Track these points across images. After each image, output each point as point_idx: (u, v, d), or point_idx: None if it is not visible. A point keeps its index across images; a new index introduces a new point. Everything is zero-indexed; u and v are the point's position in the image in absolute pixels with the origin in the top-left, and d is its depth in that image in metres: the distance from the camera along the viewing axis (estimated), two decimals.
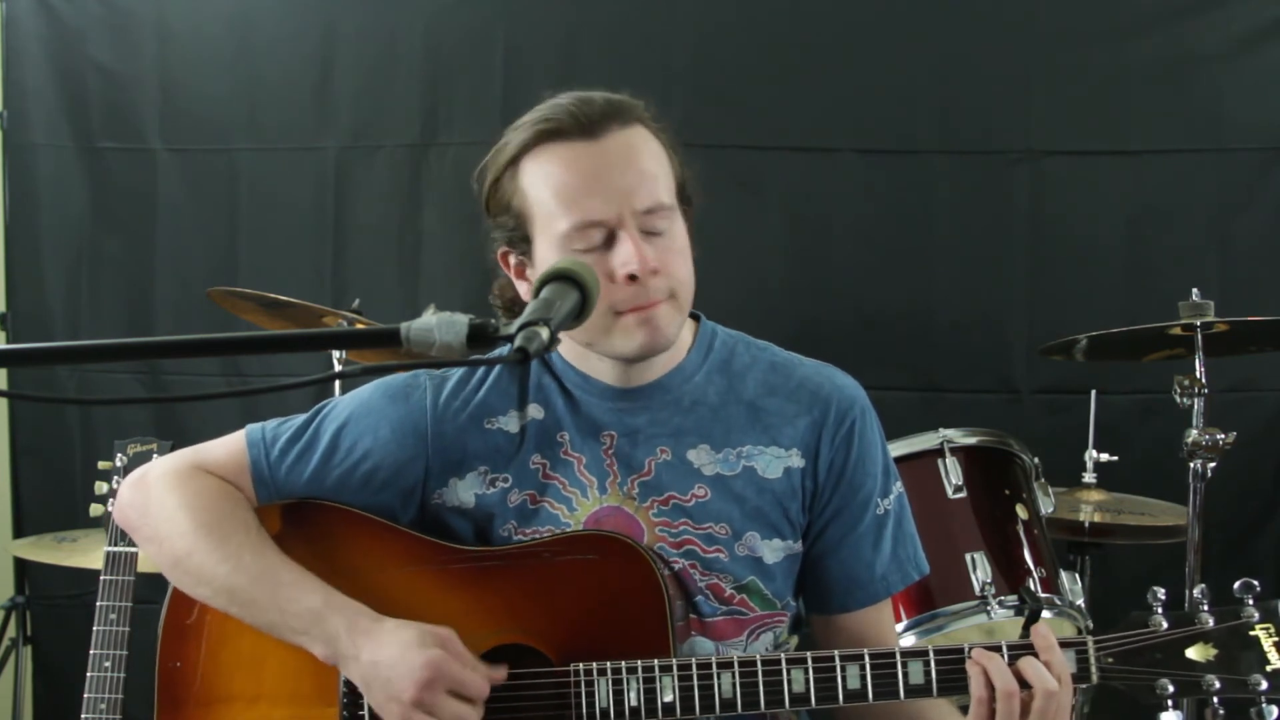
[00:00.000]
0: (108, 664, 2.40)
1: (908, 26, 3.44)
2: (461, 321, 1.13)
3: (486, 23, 3.55)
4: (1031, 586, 2.47)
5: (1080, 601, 2.57)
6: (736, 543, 1.66)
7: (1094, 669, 1.47)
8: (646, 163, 1.60)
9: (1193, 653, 1.46)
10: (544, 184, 1.58)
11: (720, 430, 1.68)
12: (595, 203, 1.55)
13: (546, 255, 1.60)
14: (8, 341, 3.73)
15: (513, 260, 1.67)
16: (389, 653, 1.53)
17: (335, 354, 3.03)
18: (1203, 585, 1.49)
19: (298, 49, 3.64)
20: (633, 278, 1.55)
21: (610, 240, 1.56)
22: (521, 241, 1.63)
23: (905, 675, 1.50)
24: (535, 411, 1.70)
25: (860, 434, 1.71)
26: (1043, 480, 2.67)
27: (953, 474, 2.52)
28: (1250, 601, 1.47)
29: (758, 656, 1.54)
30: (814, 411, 1.70)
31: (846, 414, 1.70)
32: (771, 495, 1.67)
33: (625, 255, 1.55)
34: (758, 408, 1.70)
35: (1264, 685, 1.44)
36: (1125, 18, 3.38)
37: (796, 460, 1.68)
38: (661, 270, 1.58)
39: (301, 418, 1.73)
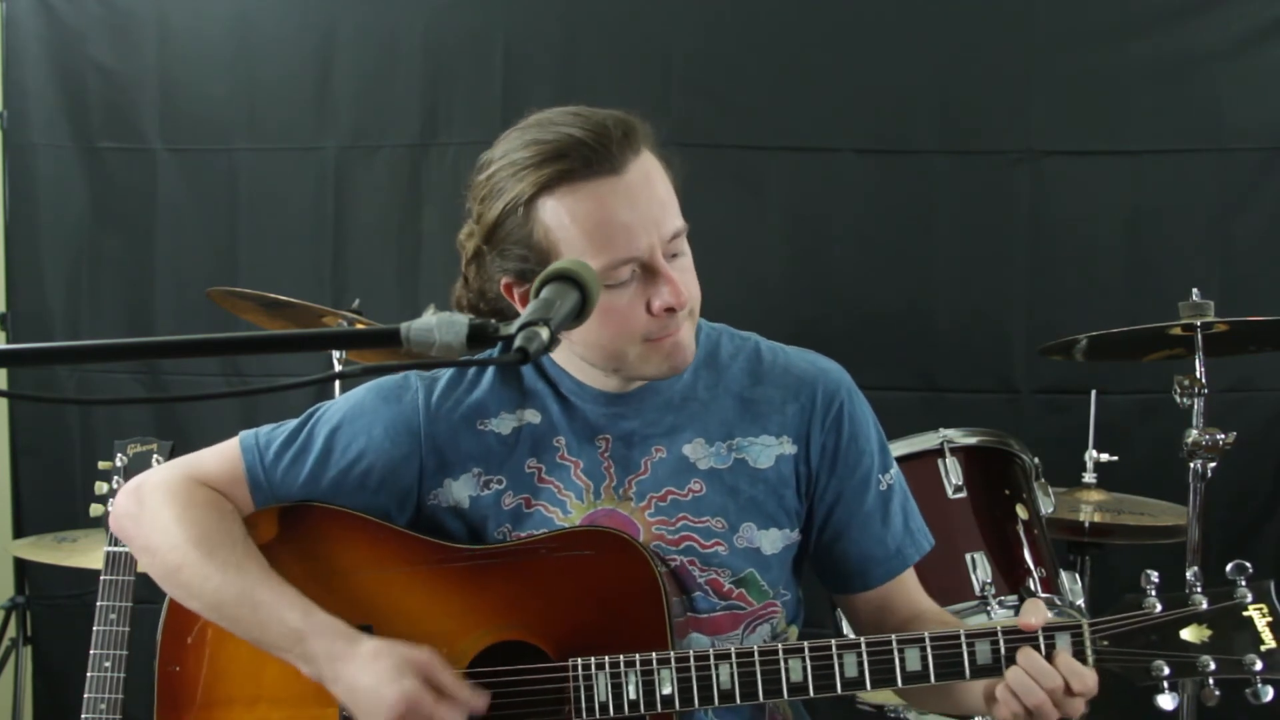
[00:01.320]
0: (108, 664, 2.41)
1: (908, 26, 3.44)
2: (461, 322, 1.13)
3: (486, 23, 3.55)
4: (1031, 586, 2.47)
5: (1080, 601, 2.58)
6: (734, 535, 1.67)
7: (1089, 652, 1.48)
8: (661, 190, 1.59)
9: (1187, 634, 1.47)
10: (572, 224, 1.54)
11: (713, 423, 1.69)
12: (630, 241, 1.54)
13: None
14: (8, 341, 3.73)
15: (518, 292, 1.63)
16: (365, 682, 1.54)
17: (335, 354, 3.03)
18: (1195, 568, 1.49)
19: (298, 49, 3.64)
20: (670, 310, 1.56)
21: (641, 272, 1.56)
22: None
23: (902, 662, 1.51)
24: (531, 416, 1.71)
25: (850, 415, 1.71)
26: (1043, 480, 2.67)
27: (953, 474, 2.52)
28: (1243, 582, 1.48)
29: (755, 647, 1.54)
30: (801, 397, 1.71)
31: (834, 397, 1.71)
32: (765, 485, 1.68)
33: (664, 290, 1.55)
34: (745, 398, 1.71)
35: (1259, 665, 1.44)
36: (1125, 18, 3.38)
37: (788, 447, 1.69)
38: (688, 296, 1.59)
39: (294, 422, 1.73)
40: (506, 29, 3.54)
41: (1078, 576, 2.64)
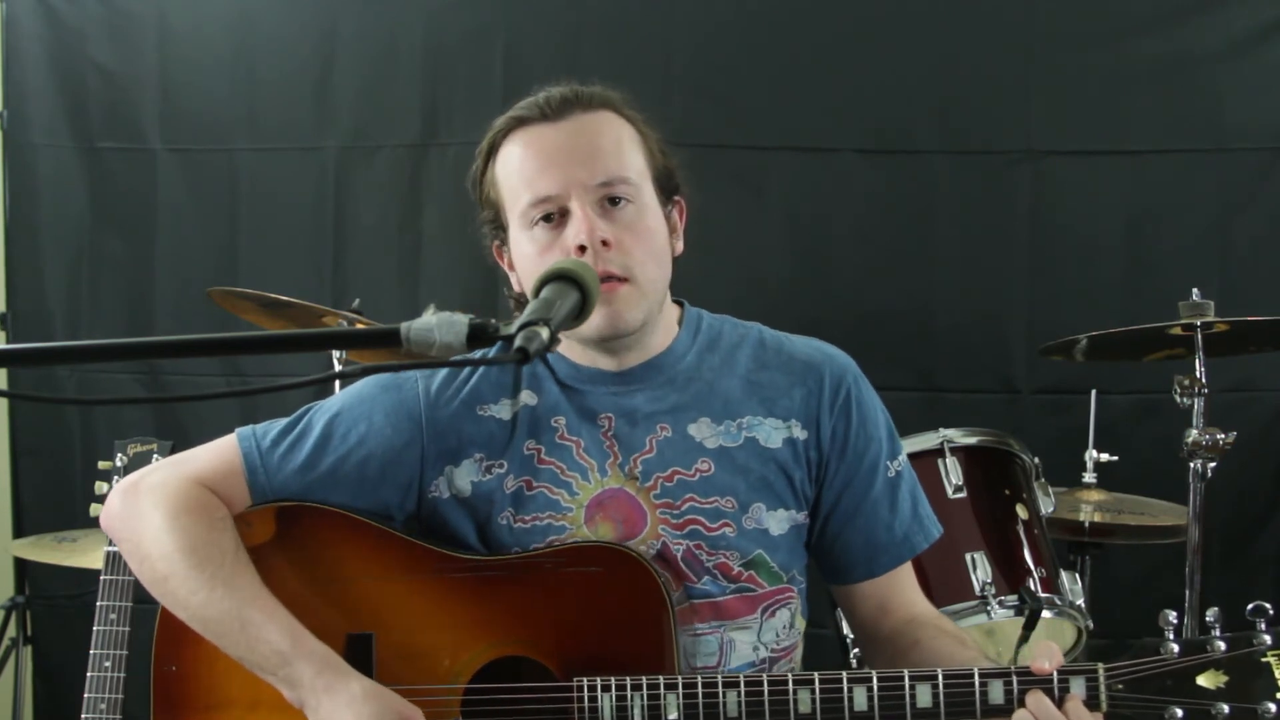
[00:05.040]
0: (108, 664, 2.40)
1: (908, 26, 3.43)
2: (461, 321, 1.13)
3: (486, 23, 3.55)
4: (1031, 586, 2.47)
5: (1080, 601, 2.57)
6: (744, 515, 1.66)
7: (1104, 697, 1.45)
8: (605, 140, 1.62)
9: (1203, 680, 1.44)
10: (506, 168, 1.64)
11: (719, 403, 1.68)
12: (548, 178, 1.59)
13: (517, 238, 1.64)
14: (8, 341, 3.72)
15: (503, 254, 1.69)
16: None
17: (335, 354, 3.03)
18: (1215, 609, 1.46)
19: (298, 49, 3.64)
20: (582, 249, 1.56)
21: (566, 218, 1.59)
22: (501, 230, 1.67)
23: (913, 698, 1.49)
24: (528, 398, 1.70)
25: (858, 400, 1.71)
26: (1043, 480, 2.67)
27: (953, 474, 2.52)
28: (1262, 627, 1.44)
29: (764, 676, 1.53)
30: (808, 382, 1.70)
31: (841, 382, 1.71)
32: (775, 464, 1.67)
33: (574, 227, 1.58)
34: (752, 381, 1.70)
35: (1273, 712, 1.42)
36: (1125, 18, 3.38)
37: (798, 432, 1.69)
38: (615, 245, 1.58)
39: (292, 415, 1.73)
40: (506, 29, 3.54)
41: (1078, 576, 2.64)
